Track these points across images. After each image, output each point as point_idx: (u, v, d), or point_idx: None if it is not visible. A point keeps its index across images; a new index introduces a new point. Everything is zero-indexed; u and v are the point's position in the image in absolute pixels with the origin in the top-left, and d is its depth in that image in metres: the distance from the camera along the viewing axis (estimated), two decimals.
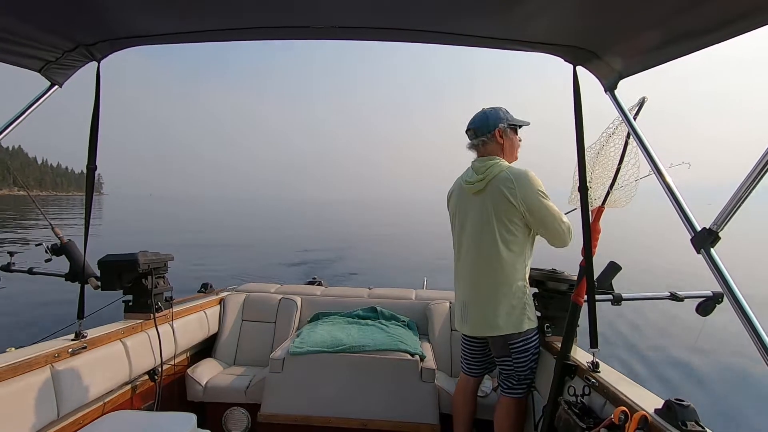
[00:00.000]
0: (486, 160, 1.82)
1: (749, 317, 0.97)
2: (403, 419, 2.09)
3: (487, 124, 1.83)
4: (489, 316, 1.76)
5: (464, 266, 1.87)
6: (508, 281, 1.74)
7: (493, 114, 1.84)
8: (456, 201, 1.94)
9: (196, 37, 1.38)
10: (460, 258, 1.91)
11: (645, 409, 1.19)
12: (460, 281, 1.90)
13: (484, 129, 1.84)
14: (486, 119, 1.84)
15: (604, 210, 1.61)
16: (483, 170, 1.78)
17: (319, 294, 3.07)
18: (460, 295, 1.90)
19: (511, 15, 1.19)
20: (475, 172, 1.82)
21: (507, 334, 1.75)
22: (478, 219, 1.80)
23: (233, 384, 2.38)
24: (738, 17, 0.98)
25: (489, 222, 1.75)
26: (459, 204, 1.91)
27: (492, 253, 1.75)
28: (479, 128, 1.85)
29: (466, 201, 1.87)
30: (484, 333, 1.82)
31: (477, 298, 1.81)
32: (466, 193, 1.86)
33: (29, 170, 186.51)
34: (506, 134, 1.85)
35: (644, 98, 1.45)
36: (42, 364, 1.53)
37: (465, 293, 1.87)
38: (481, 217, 1.78)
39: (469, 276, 1.84)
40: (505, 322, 1.74)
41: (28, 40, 1.28)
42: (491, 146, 1.85)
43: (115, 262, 2.03)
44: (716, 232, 1.06)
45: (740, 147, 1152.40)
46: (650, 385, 1.39)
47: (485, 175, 1.77)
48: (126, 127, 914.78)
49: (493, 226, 1.74)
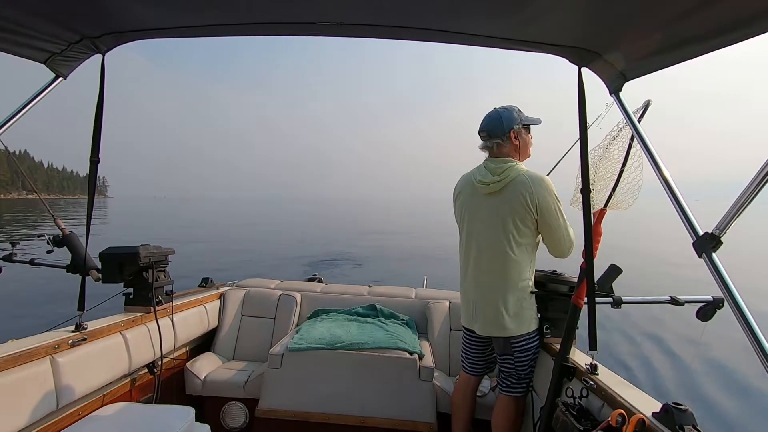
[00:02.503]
0: (502, 161, 1.79)
1: (750, 323, 0.97)
2: (401, 417, 2.09)
3: (501, 126, 1.80)
4: (499, 317, 1.76)
5: (474, 265, 1.85)
6: (517, 282, 1.75)
7: (506, 115, 1.81)
8: (466, 199, 1.90)
9: (201, 31, 1.38)
10: (469, 257, 1.88)
11: (643, 413, 1.19)
12: (469, 280, 1.88)
13: (498, 131, 1.81)
14: (500, 121, 1.81)
15: (606, 212, 1.61)
16: (499, 172, 1.76)
17: (319, 291, 3.08)
18: (470, 294, 1.89)
19: (517, 15, 1.18)
20: (490, 172, 1.79)
21: (513, 335, 1.76)
22: (490, 219, 1.78)
23: (232, 378, 2.38)
24: (743, 22, 0.97)
25: (503, 223, 1.74)
26: (469, 202, 1.88)
27: (504, 254, 1.75)
28: (493, 130, 1.82)
29: (478, 200, 1.84)
30: (494, 333, 1.81)
31: (487, 298, 1.80)
32: (477, 192, 1.83)
33: (37, 174, 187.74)
34: (520, 135, 1.84)
35: (649, 101, 1.45)
36: (42, 355, 1.54)
37: (474, 292, 1.86)
38: (495, 217, 1.77)
39: (479, 275, 1.83)
40: (514, 322, 1.76)
41: (33, 32, 1.29)
42: (506, 148, 1.82)
43: (116, 254, 2.04)
44: (718, 236, 1.06)
45: (726, 143, 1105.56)
46: (648, 389, 1.39)
47: (502, 177, 1.75)
48: (129, 126, 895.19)
49: (507, 227, 1.73)
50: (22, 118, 1.49)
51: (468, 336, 2.00)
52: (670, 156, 13.84)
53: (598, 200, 1.62)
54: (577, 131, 1.53)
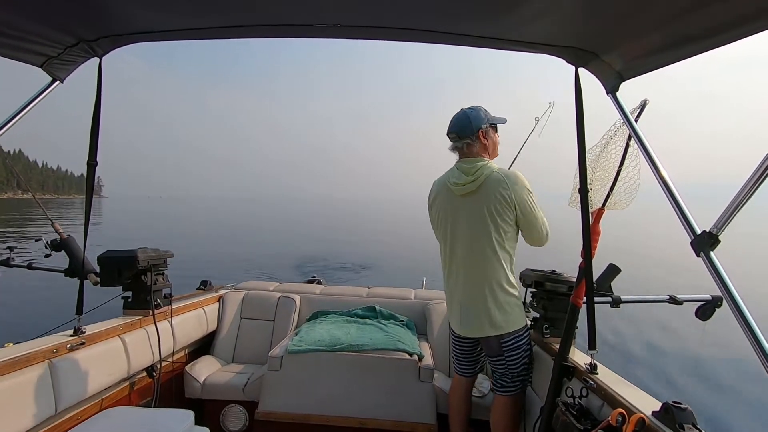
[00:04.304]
0: (474, 161, 1.80)
1: (748, 321, 0.97)
2: (401, 419, 2.09)
3: (470, 126, 1.82)
4: (488, 316, 1.75)
5: (458, 268, 1.84)
6: (503, 281, 1.75)
7: (474, 115, 1.83)
8: (442, 203, 1.89)
9: (197, 34, 1.38)
10: (453, 260, 1.87)
11: (642, 412, 1.19)
12: (455, 284, 1.87)
13: (467, 131, 1.82)
14: (468, 121, 1.82)
15: (605, 212, 1.61)
16: (473, 171, 1.76)
17: (318, 293, 3.07)
18: (457, 297, 1.86)
19: (514, 16, 1.19)
20: (463, 173, 1.79)
21: (504, 333, 1.76)
22: (470, 220, 1.78)
23: (231, 381, 2.38)
24: (738, 21, 0.98)
25: (483, 223, 1.75)
26: (446, 206, 1.87)
27: (487, 254, 1.75)
28: (462, 130, 1.83)
29: (455, 203, 1.83)
30: (485, 333, 1.79)
31: (475, 299, 1.79)
32: (453, 195, 1.83)
33: (32, 174, 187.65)
34: (488, 134, 1.86)
35: (646, 101, 1.45)
36: (40, 360, 1.53)
37: (461, 295, 1.84)
38: (474, 218, 1.77)
39: (465, 277, 1.82)
40: (503, 321, 1.75)
41: (29, 36, 1.28)
42: (476, 147, 1.84)
43: (114, 258, 2.03)
44: (716, 235, 1.06)
45: (707, 143, 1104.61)
46: (648, 388, 1.39)
47: (476, 176, 1.75)
48: (130, 126, 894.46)
49: (488, 226, 1.74)
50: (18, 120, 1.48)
51: (456, 338, 1.98)
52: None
53: (596, 200, 1.62)
54: (577, 132, 1.53)
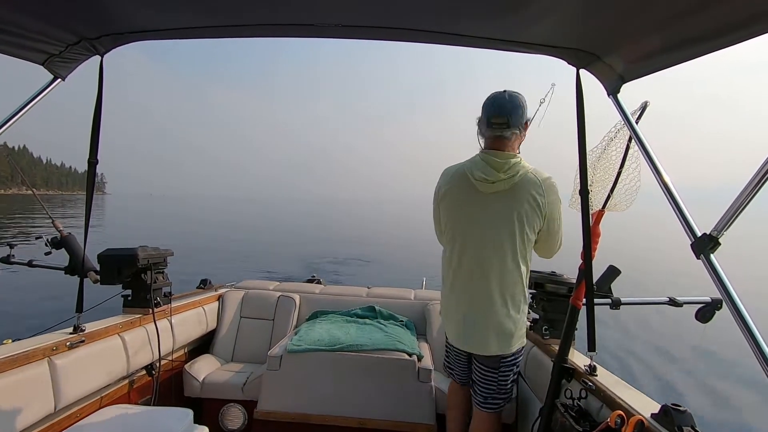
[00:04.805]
0: (507, 156, 1.53)
1: (748, 324, 0.97)
2: (400, 419, 2.08)
3: (523, 115, 1.55)
4: (498, 334, 1.56)
5: (468, 276, 1.59)
6: (519, 295, 1.57)
7: (524, 103, 1.56)
8: (456, 199, 1.61)
9: (198, 33, 1.38)
10: (461, 267, 1.61)
11: (641, 414, 1.19)
12: (461, 293, 1.62)
13: (519, 120, 1.53)
14: (521, 108, 1.54)
15: (605, 213, 1.61)
16: (505, 168, 1.50)
17: (318, 292, 3.07)
18: (462, 309, 1.61)
19: (515, 17, 1.19)
20: (493, 168, 1.51)
21: (508, 354, 1.60)
22: (494, 223, 1.53)
23: (230, 380, 2.38)
24: (741, 23, 0.98)
25: (509, 228, 1.51)
26: (461, 203, 1.60)
27: (508, 264, 1.53)
28: (515, 118, 1.52)
29: (476, 201, 1.56)
30: (490, 352, 1.58)
31: (485, 314, 1.56)
32: (475, 191, 1.55)
33: (36, 170, 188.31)
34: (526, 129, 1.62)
35: (646, 102, 1.45)
36: (40, 357, 1.53)
37: (468, 307, 1.60)
38: (500, 221, 1.52)
39: (477, 288, 1.57)
40: (512, 340, 1.57)
41: (31, 33, 1.29)
42: (517, 141, 1.58)
43: (114, 256, 2.04)
44: (716, 237, 1.06)
45: (702, 144, 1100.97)
46: (647, 390, 1.39)
47: (510, 174, 1.50)
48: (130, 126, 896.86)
49: (514, 233, 1.51)
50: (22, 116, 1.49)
51: (455, 350, 1.77)
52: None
53: (597, 201, 1.62)
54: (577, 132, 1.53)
